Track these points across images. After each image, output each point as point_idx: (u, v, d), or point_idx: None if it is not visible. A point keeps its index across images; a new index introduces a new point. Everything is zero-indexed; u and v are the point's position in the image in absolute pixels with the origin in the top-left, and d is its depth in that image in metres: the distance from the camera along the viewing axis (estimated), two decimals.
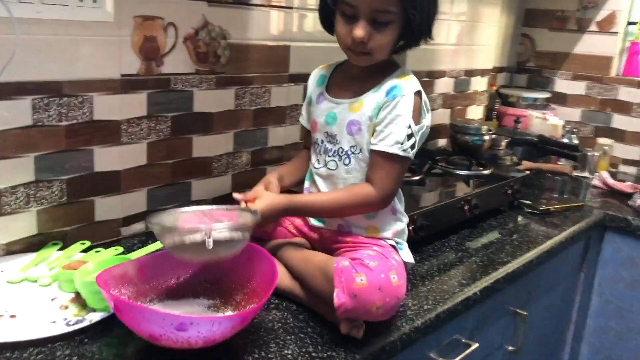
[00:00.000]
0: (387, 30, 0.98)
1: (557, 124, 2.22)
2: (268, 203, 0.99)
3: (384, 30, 0.98)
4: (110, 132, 1.21)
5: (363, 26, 0.97)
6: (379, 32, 0.98)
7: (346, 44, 1.02)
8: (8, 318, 0.92)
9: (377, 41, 0.99)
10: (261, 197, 1.00)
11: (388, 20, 0.97)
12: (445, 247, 1.38)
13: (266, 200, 0.99)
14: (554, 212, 1.69)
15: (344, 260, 0.94)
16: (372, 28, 0.98)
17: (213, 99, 1.38)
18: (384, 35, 0.98)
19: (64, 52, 1.10)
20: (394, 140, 1.00)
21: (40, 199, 1.13)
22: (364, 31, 0.97)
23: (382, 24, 0.97)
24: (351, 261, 0.93)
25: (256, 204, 0.99)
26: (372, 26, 0.98)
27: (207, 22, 1.32)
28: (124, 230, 1.28)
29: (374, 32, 0.98)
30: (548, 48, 2.46)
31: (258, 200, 1.00)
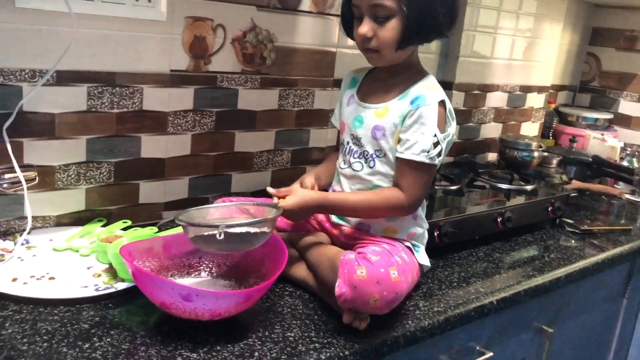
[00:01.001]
0: (388, 25, 1.02)
1: (615, 146, 2.16)
2: (299, 199, 1.05)
3: (385, 25, 1.02)
4: (157, 122, 1.31)
5: (366, 22, 1.03)
6: (381, 27, 1.02)
7: (359, 44, 1.07)
8: (47, 279, 1.03)
9: (381, 36, 1.03)
10: (294, 193, 1.06)
11: (387, 15, 1.01)
12: (473, 257, 1.39)
13: (298, 197, 1.05)
14: (597, 233, 1.65)
15: (350, 254, 0.98)
16: (375, 24, 1.03)
17: (257, 98, 1.46)
18: (385, 30, 1.02)
19: (119, 46, 1.21)
20: (420, 148, 1.03)
21: (89, 178, 1.24)
22: (367, 27, 1.03)
23: (382, 18, 1.02)
24: (356, 254, 0.97)
25: (287, 200, 1.05)
26: (375, 22, 1.03)
27: (255, 26, 1.40)
28: (165, 214, 1.38)
29: (377, 28, 1.03)
30: (614, 68, 2.39)
31: (290, 196, 1.05)
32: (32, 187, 1.15)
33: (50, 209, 1.22)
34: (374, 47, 1.04)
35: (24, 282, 1.01)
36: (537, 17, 2.11)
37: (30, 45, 1.10)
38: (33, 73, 1.11)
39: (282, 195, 1.08)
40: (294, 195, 1.07)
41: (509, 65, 2.10)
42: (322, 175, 1.21)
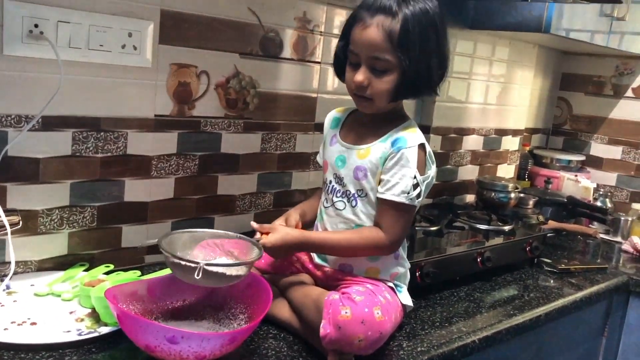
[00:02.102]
0: (384, 77, 1.06)
1: (588, 187, 2.22)
2: (281, 237, 1.06)
3: (382, 77, 1.06)
4: (141, 166, 1.32)
5: (363, 71, 1.06)
6: (378, 78, 1.06)
7: (351, 89, 1.10)
8: (29, 325, 1.02)
9: (376, 87, 1.06)
10: (276, 231, 1.08)
11: (385, 68, 1.05)
12: (454, 297, 1.41)
13: (280, 235, 1.07)
14: (574, 272, 1.68)
15: (335, 294, 0.99)
16: (371, 74, 1.06)
17: (240, 142, 1.49)
18: (382, 82, 1.06)
19: (105, 92, 1.23)
20: (400, 189, 1.06)
21: (72, 222, 1.24)
22: (363, 76, 1.06)
23: (380, 71, 1.05)
24: (340, 295, 0.99)
25: (269, 237, 1.06)
26: (372, 72, 1.06)
27: (238, 72, 1.44)
28: (147, 258, 1.38)
29: (373, 78, 1.06)
30: (584, 112, 2.48)
31: (272, 233, 1.07)
32: (15, 231, 1.14)
33: (32, 253, 1.21)
34: (368, 95, 1.07)
35: (4, 328, 0.99)
36: (509, 64, 2.20)
37: (17, 91, 1.12)
38: (19, 118, 1.13)
39: (265, 232, 1.10)
40: (277, 232, 1.08)
41: (484, 110, 2.17)
42: (308, 210, 1.23)
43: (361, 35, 1.05)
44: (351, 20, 1.09)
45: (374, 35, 1.03)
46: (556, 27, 1.75)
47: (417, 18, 1.03)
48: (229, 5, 1.39)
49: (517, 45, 2.22)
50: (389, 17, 1.03)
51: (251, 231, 1.12)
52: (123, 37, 1.22)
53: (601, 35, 1.99)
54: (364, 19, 1.05)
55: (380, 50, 1.04)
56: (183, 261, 0.94)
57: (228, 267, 0.96)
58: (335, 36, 1.62)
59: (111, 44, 1.20)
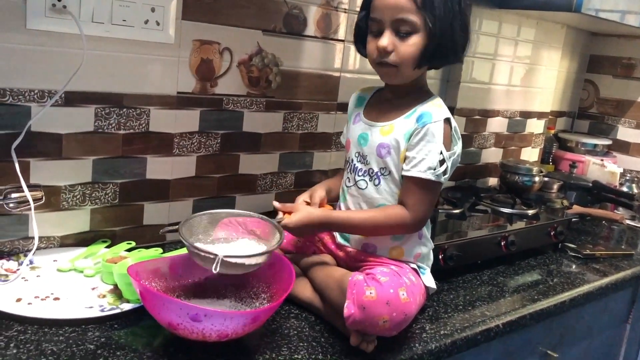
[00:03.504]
0: (409, 40, 1.03)
1: (615, 172, 2.17)
2: (304, 217, 1.05)
3: (407, 40, 1.03)
4: (163, 144, 1.31)
5: (387, 35, 1.03)
6: (403, 41, 1.03)
7: (374, 59, 1.07)
8: (52, 300, 1.02)
9: (401, 51, 1.03)
10: (298, 211, 1.06)
11: (410, 30, 1.02)
12: (477, 280, 1.39)
13: (302, 214, 1.05)
14: (599, 257, 1.65)
15: (359, 275, 0.98)
16: (396, 38, 1.03)
17: (262, 121, 1.47)
18: (407, 45, 1.03)
19: (127, 68, 1.22)
20: (427, 166, 1.04)
21: (94, 199, 1.24)
22: (388, 40, 1.03)
23: (404, 34, 1.03)
24: (365, 275, 0.97)
25: (292, 217, 1.05)
26: (396, 36, 1.03)
27: (261, 49, 1.42)
28: (169, 236, 1.37)
29: (397, 42, 1.03)
30: (612, 95, 2.42)
31: (295, 213, 1.06)
32: (38, 207, 1.14)
33: (55, 229, 1.21)
34: (393, 61, 1.04)
35: (28, 303, 1.00)
36: (535, 45, 2.14)
37: (40, 66, 1.11)
38: (42, 94, 1.12)
39: (288, 211, 1.08)
40: (299, 212, 1.07)
41: (509, 91, 2.12)
42: (333, 187, 1.21)
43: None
44: None
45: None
46: (587, 7, 1.69)
47: None
48: None
49: (544, 26, 2.16)
50: None
51: (273, 211, 1.11)
52: (146, 12, 1.20)
53: (633, 16, 1.93)
54: None
55: (404, 11, 1.01)
56: (202, 252, 0.93)
57: (247, 258, 0.95)
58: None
59: (134, 19, 1.19)
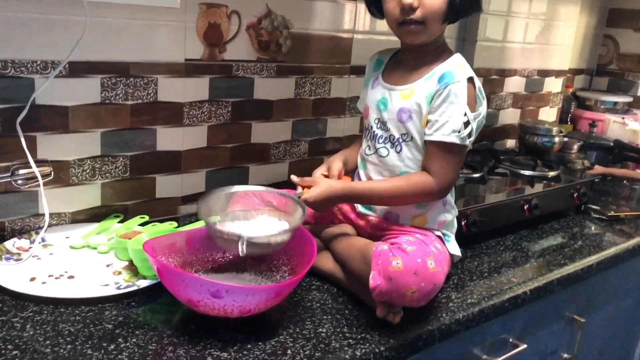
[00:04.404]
0: None
1: (637, 130, 2.11)
2: (324, 190, 1.00)
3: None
4: (172, 114, 1.26)
5: None
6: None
7: (396, 19, 1.00)
8: (67, 278, 0.99)
9: (428, 5, 0.97)
10: (318, 184, 1.01)
11: None
12: (500, 246, 1.34)
13: (322, 188, 1.01)
14: (624, 219, 1.60)
15: (383, 245, 0.94)
16: None
17: (273, 87, 1.41)
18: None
19: (132, 36, 1.16)
20: (451, 129, 0.98)
21: (105, 173, 1.20)
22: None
23: None
24: (390, 245, 0.93)
25: (312, 191, 1.00)
26: None
27: (270, 11, 1.36)
28: (182, 209, 1.34)
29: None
30: (632, 50, 2.34)
31: (315, 187, 1.01)
32: (47, 183, 1.10)
33: (66, 205, 1.18)
34: (419, 18, 0.98)
35: (42, 282, 0.97)
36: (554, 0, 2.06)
37: (41, 36, 1.06)
38: (45, 64, 1.07)
39: (307, 185, 1.04)
40: (319, 186, 1.02)
41: (525, 49, 2.04)
42: (350, 158, 1.17)
43: None
44: None
45: None
46: None
47: None
48: None
49: None
50: None
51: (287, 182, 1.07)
52: None
53: None
54: None
55: None
56: (225, 234, 0.89)
57: (273, 237, 0.91)
58: None
59: None
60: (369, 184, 1.08)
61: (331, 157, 1.17)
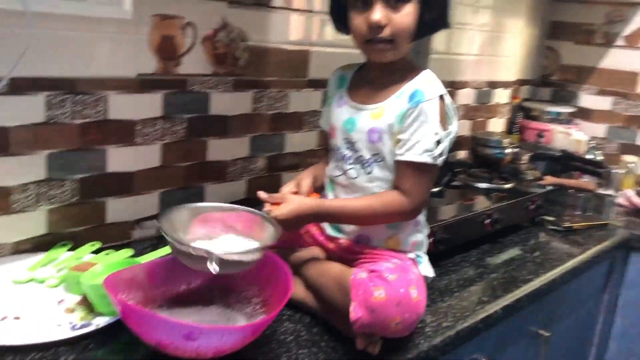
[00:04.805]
0: (404, 8, 0.93)
1: (581, 140, 2.16)
2: (295, 208, 0.95)
3: (402, 9, 0.93)
4: (124, 132, 1.18)
5: (379, 8, 0.92)
6: (397, 12, 0.93)
7: (364, 36, 0.96)
8: (12, 320, 0.89)
9: (397, 23, 0.93)
10: (287, 202, 0.96)
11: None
12: (465, 262, 1.33)
13: (292, 205, 0.95)
14: (577, 230, 1.63)
15: (362, 272, 0.89)
16: (388, 10, 0.93)
17: (230, 102, 1.35)
18: (402, 16, 0.93)
19: (80, 49, 1.07)
20: (423, 148, 0.95)
21: (51, 198, 1.10)
22: (381, 13, 0.92)
23: (398, 3, 0.92)
24: (369, 273, 0.89)
25: (282, 208, 0.95)
26: (388, 8, 0.93)
27: (227, 23, 1.29)
28: (136, 233, 1.25)
29: (391, 14, 0.93)
30: (573, 62, 2.40)
31: (284, 204, 0.95)
32: None
33: (7, 234, 1.07)
34: (388, 36, 0.94)
35: None
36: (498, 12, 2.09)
37: None
38: None
39: (276, 202, 0.98)
40: (289, 203, 0.97)
41: (476, 61, 2.07)
42: (319, 175, 1.12)
43: None
44: None
45: None
46: None
47: None
48: None
49: None
50: None
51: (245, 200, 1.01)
52: None
53: None
54: None
55: None
56: (193, 250, 0.82)
57: (245, 254, 0.85)
58: None
59: None
60: (341, 202, 1.03)
61: (300, 173, 1.12)
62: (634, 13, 2.22)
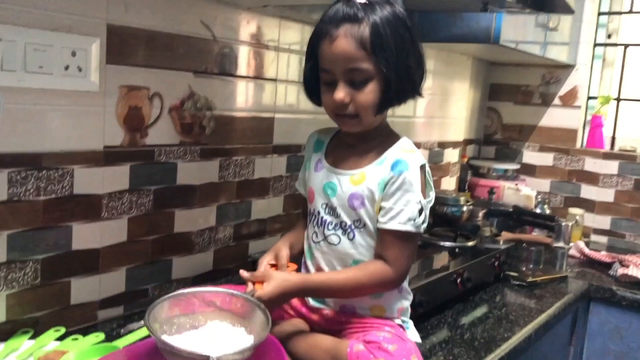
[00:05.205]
0: (366, 89, 0.95)
1: (530, 195, 2.24)
2: (278, 285, 0.91)
3: (363, 89, 0.95)
4: (90, 207, 1.12)
5: (342, 88, 0.95)
6: (359, 91, 0.95)
7: (332, 110, 0.99)
8: None
9: (359, 101, 0.95)
10: (271, 280, 0.92)
11: (364, 78, 0.94)
12: (442, 324, 1.32)
13: (276, 284, 0.92)
14: (540, 283, 1.67)
15: (358, 344, 0.87)
16: (351, 89, 0.95)
17: (197, 171, 1.32)
18: (364, 94, 0.95)
19: (45, 123, 1.03)
20: (406, 217, 0.95)
21: (11, 282, 1.02)
22: (343, 92, 0.95)
23: (359, 82, 0.95)
24: (366, 345, 0.86)
25: (265, 287, 0.91)
26: (351, 87, 0.95)
27: (193, 93, 1.28)
28: (101, 314, 1.17)
29: (354, 93, 0.95)
30: (514, 121, 2.52)
31: (267, 283, 0.92)
32: None
33: None
34: (352, 112, 0.96)
35: None
36: (447, 76, 2.18)
37: None
38: None
39: (259, 281, 0.95)
40: (272, 280, 0.93)
41: (428, 123, 2.13)
42: (295, 242, 1.09)
43: (331, 49, 0.94)
44: (315, 37, 0.98)
45: (344, 46, 0.93)
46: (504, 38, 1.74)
47: (385, 20, 0.93)
48: (180, 18, 1.23)
49: (454, 58, 2.21)
50: (356, 24, 0.92)
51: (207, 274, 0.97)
52: (66, 56, 1.02)
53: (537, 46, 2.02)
54: (330, 32, 0.94)
55: (355, 60, 0.93)
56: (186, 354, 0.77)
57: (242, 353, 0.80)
58: (291, 52, 1.50)
59: (52, 65, 1.01)
60: (325, 275, 1.01)
61: (276, 243, 1.09)
62: (566, 75, 2.38)
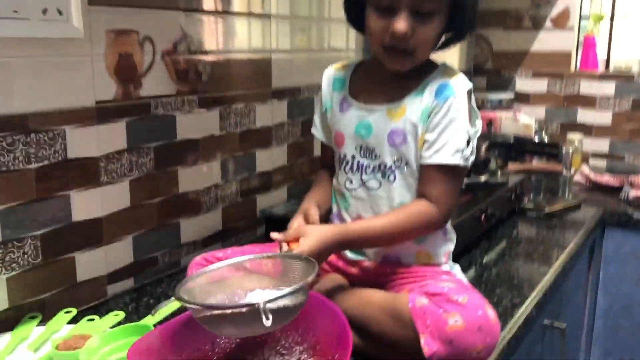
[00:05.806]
0: (431, 22, 0.84)
1: (529, 124, 2.17)
2: (317, 240, 0.81)
3: (429, 22, 0.84)
4: (87, 172, 0.99)
5: (405, 17, 0.82)
6: (423, 24, 0.83)
7: (382, 43, 0.86)
8: None
9: (421, 36, 0.84)
10: (307, 235, 0.82)
11: (433, 10, 0.83)
12: (473, 264, 1.25)
13: (314, 238, 0.81)
14: (556, 213, 1.61)
15: (420, 298, 0.77)
16: (414, 20, 0.83)
17: (197, 123, 1.19)
18: (428, 28, 0.84)
19: (27, 78, 0.88)
20: (454, 148, 0.86)
21: (10, 264, 0.90)
22: (406, 23, 0.82)
23: (426, 14, 0.83)
24: (431, 297, 0.77)
25: (303, 244, 0.80)
26: (414, 18, 0.83)
27: (186, 34, 1.13)
28: (110, 289, 1.06)
29: (417, 25, 0.83)
30: (505, 48, 2.42)
31: (304, 238, 0.81)
32: None
33: None
34: (409, 48, 0.84)
35: None
36: None
37: None
38: None
39: (294, 240, 0.84)
40: (309, 236, 0.83)
41: None
42: (322, 201, 0.98)
43: None
44: None
45: None
46: None
47: None
48: None
49: None
50: None
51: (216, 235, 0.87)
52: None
53: None
54: None
55: None
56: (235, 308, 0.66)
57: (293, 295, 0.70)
58: None
59: (28, 8, 0.85)
60: (365, 223, 0.91)
61: (302, 204, 0.97)
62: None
